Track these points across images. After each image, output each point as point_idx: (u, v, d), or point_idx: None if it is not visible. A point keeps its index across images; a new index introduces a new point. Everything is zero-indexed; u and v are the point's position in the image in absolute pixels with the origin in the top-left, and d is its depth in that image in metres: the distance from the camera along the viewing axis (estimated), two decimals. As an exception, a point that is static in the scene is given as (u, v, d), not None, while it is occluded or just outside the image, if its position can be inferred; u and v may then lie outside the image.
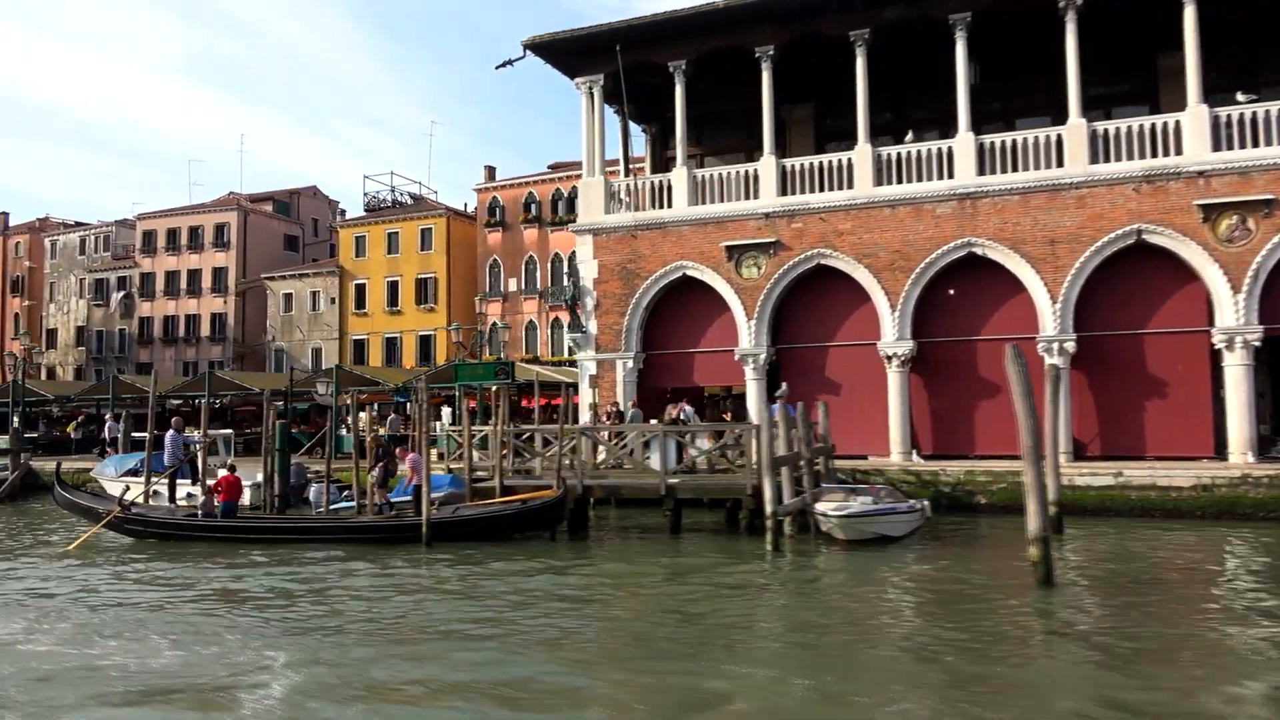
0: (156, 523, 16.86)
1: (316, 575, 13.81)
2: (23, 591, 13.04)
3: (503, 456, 17.23)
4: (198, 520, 16.71)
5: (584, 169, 26.04)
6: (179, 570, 14.46)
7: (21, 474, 26.65)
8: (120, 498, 17.26)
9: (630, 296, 24.81)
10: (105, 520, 16.72)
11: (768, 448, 14.39)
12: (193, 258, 56.70)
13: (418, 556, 14.97)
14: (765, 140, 24.00)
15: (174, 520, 16.72)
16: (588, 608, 11.58)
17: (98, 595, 12.71)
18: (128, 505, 17.02)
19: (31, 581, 13.76)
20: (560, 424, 16.97)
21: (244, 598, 12.43)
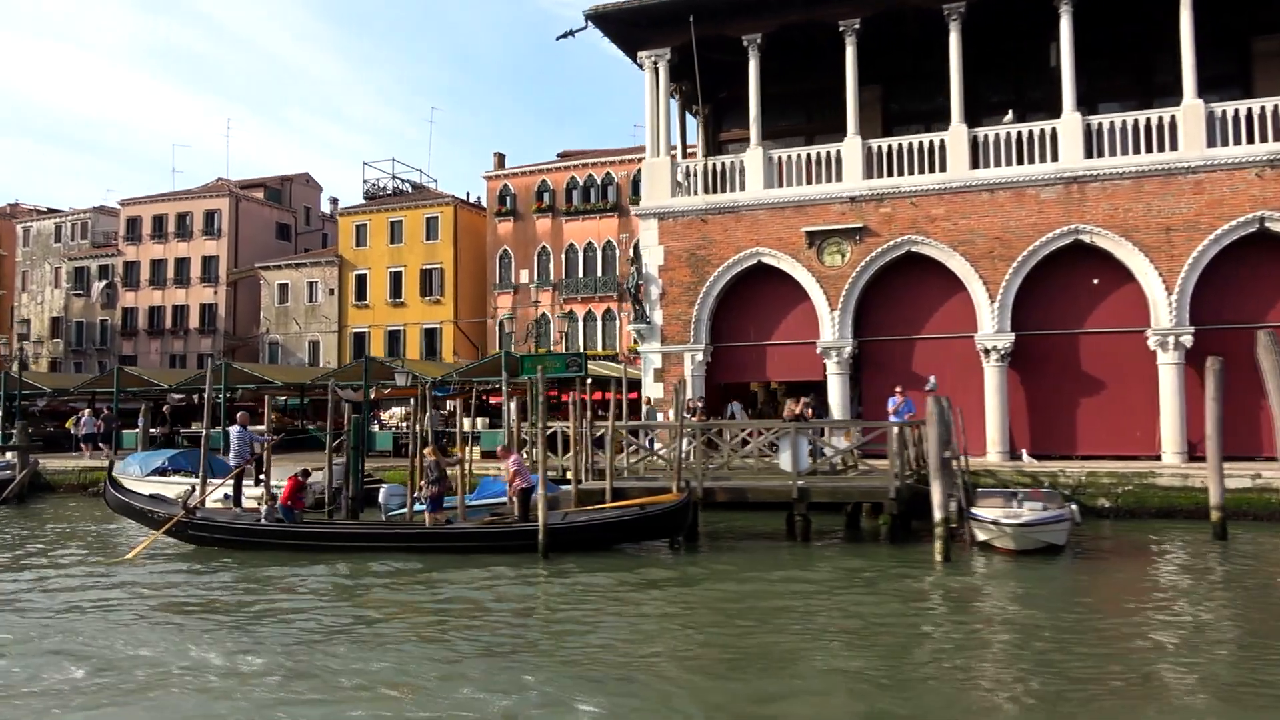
0: (227, 528, 15.00)
1: (469, 590, 12.17)
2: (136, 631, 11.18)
3: (610, 456, 15.58)
4: (280, 526, 14.88)
5: (647, 149, 24.42)
6: (298, 581, 12.76)
7: (31, 473, 24.42)
8: (184, 500, 15.36)
9: (700, 285, 23.28)
10: (168, 525, 14.83)
11: (939, 446, 12.97)
12: (180, 246, 54.10)
13: (546, 568, 13.32)
14: (849, 120, 22.60)
15: (250, 526, 14.86)
16: (845, 636, 9.74)
17: (245, 612, 10.97)
18: (193, 509, 15.14)
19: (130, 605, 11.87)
20: (678, 420, 15.37)
21: (419, 615, 10.76)
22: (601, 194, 45.16)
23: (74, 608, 11.39)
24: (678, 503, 14.23)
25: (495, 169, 48.14)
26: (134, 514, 15.80)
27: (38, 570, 14.02)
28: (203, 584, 12.98)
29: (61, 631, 10.15)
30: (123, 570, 13.94)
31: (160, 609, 11.41)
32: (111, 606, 11.51)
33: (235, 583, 12.99)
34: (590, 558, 13.84)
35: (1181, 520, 16.94)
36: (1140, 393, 20.46)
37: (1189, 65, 19.96)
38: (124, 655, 9.20)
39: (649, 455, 16.56)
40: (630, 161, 44.68)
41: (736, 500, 15.33)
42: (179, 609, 11.45)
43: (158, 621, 10.73)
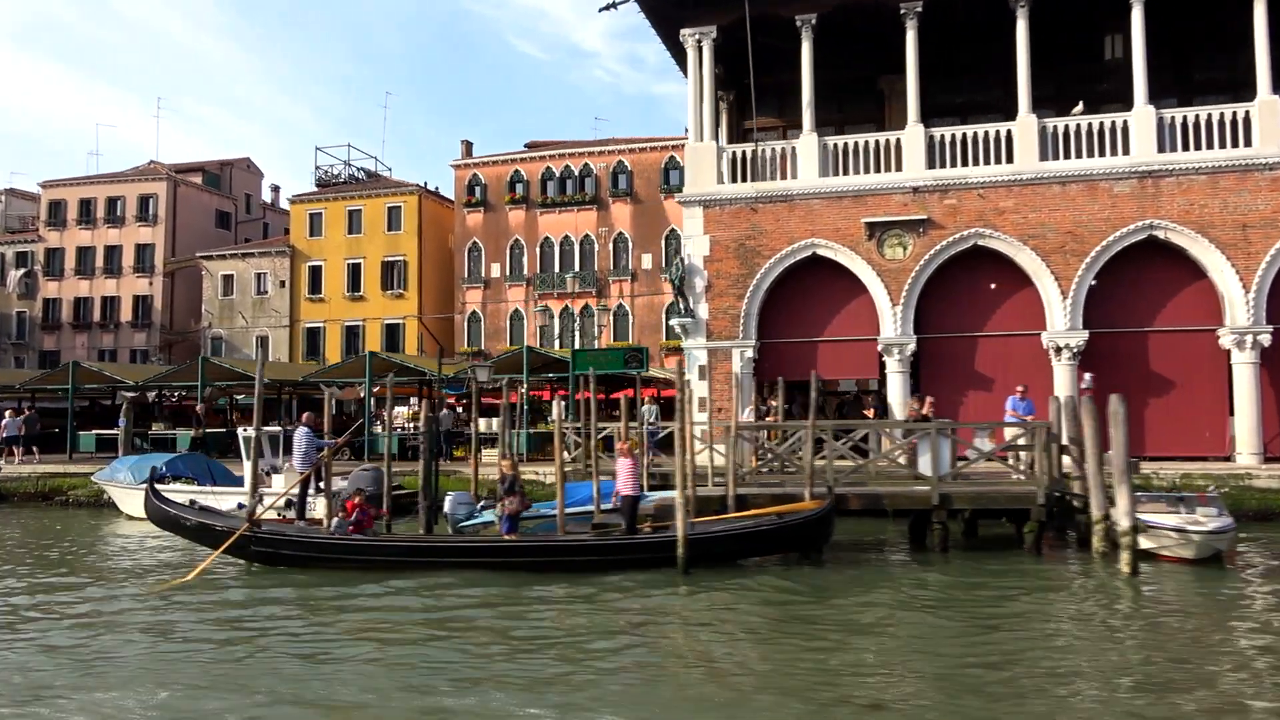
0: (301, 544, 12.95)
1: (653, 613, 10.62)
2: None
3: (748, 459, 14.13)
4: (368, 541, 12.92)
5: (690, 133, 23.05)
6: (437, 605, 10.95)
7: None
8: (250, 514, 13.21)
9: (749, 277, 22.01)
10: (231, 541, 12.70)
11: (1123, 449, 11.96)
12: (111, 232, 50.01)
13: (687, 583, 11.79)
14: (910, 108, 21.72)
15: (333, 541, 12.83)
16: (1133, 673, 8.41)
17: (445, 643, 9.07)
18: (257, 522, 13.04)
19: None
20: (809, 420, 14.00)
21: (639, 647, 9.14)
22: (579, 185, 43.44)
23: (184, 654, 9.29)
24: (820, 511, 12.91)
25: (463, 157, 45.91)
26: (184, 529, 13.58)
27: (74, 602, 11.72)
28: (331, 608, 11.04)
29: (231, 688, 8.09)
30: (186, 595, 11.83)
31: (320, 640, 9.43)
32: (239, 644, 9.48)
33: (374, 607, 11.05)
34: (730, 572, 12.41)
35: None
36: (1209, 392, 20.09)
37: (1263, 61, 19.65)
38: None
39: (773, 459, 15.14)
40: (610, 153, 43.20)
41: (870, 507, 14.08)
42: (332, 640, 9.48)
43: (331, 659, 8.82)
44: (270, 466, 20.06)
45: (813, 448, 13.56)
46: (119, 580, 13.07)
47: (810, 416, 13.77)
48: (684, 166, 42.27)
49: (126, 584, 12.86)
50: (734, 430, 14.00)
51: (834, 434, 14.31)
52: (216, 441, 26.99)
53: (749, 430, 17.24)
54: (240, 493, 19.40)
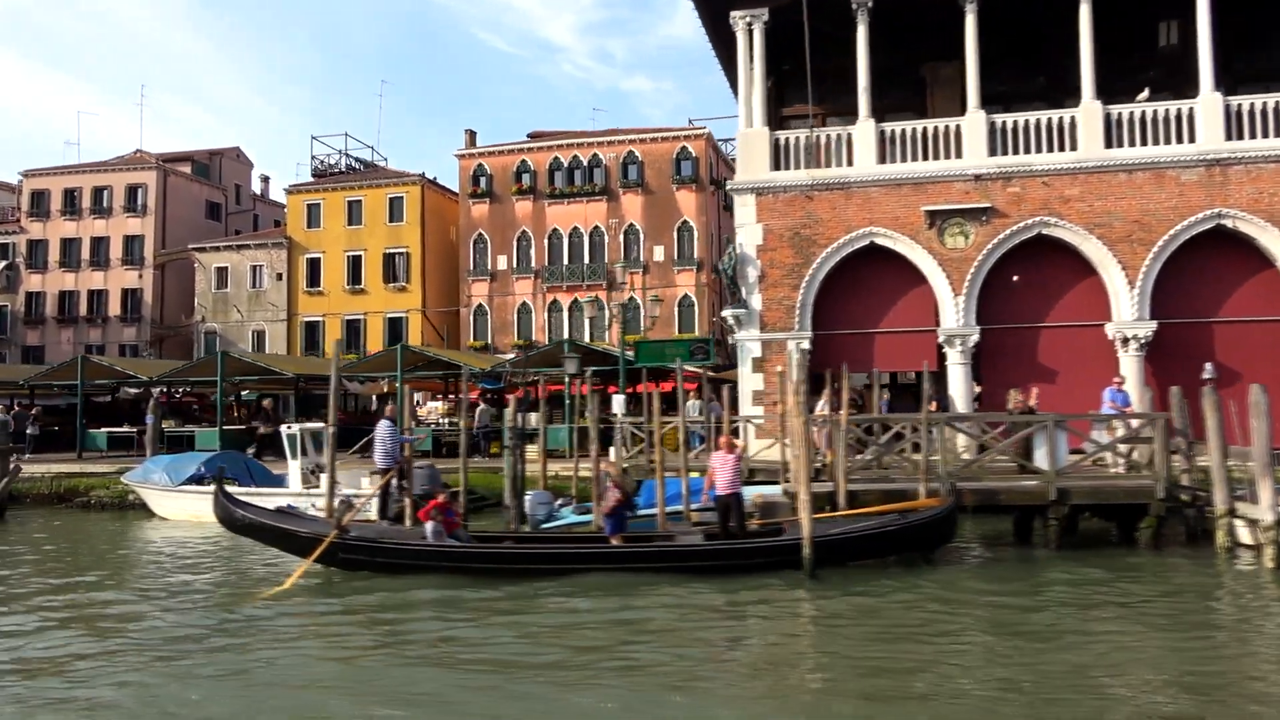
0: (395, 550, 12.12)
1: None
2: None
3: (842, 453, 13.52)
4: (472, 547, 12.14)
5: (740, 119, 22.38)
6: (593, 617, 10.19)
7: (11, 481, 20.35)
8: (338, 518, 12.35)
9: (804, 267, 21.40)
10: (323, 547, 11.85)
11: (1265, 440, 11.53)
12: (98, 223, 48.40)
13: (816, 588, 11.17)
14: (970, 95, 21.22)
15: (431, 548, 12.00)
16: None
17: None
18: (345, 526, 12.19)
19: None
20: (923, 412, 13.43)
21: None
22: (588, 176, 42.65)
23: (376, 670, 8.51)
24: (945, 509, 12.34)
25: (467, 147, 44.91)
26: (263, 534, 12.69)
27: (173, 617, 10.82)
28: (491, 612, 10.26)
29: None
30: (284, 606, 10.99)
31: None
32: (414, 652, 8.71)
33: (533, 610, 10.30)
34: (857, 575, 11.81)
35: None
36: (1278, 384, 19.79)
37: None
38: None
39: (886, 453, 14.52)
40: (619, 143, 42.46)
41: (986, 503, 13.53)
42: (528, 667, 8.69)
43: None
44: (315, 465, 19.19)
45: (925, 442, 12.97)
46: (202, 591, 12.20)
47: (924, 409, 13.19)
48: (694, 157, 41.89)
49: (213, 595, 12.02)
50: (844, 423, 13.36)
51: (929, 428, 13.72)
52: (234, 439, 25.91)
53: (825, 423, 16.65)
54: (285, 493, 18.55)
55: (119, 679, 8.28)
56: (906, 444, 14.46)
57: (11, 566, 14.64)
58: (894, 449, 14.44)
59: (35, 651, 9.44)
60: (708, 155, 41.77)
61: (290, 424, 19.06)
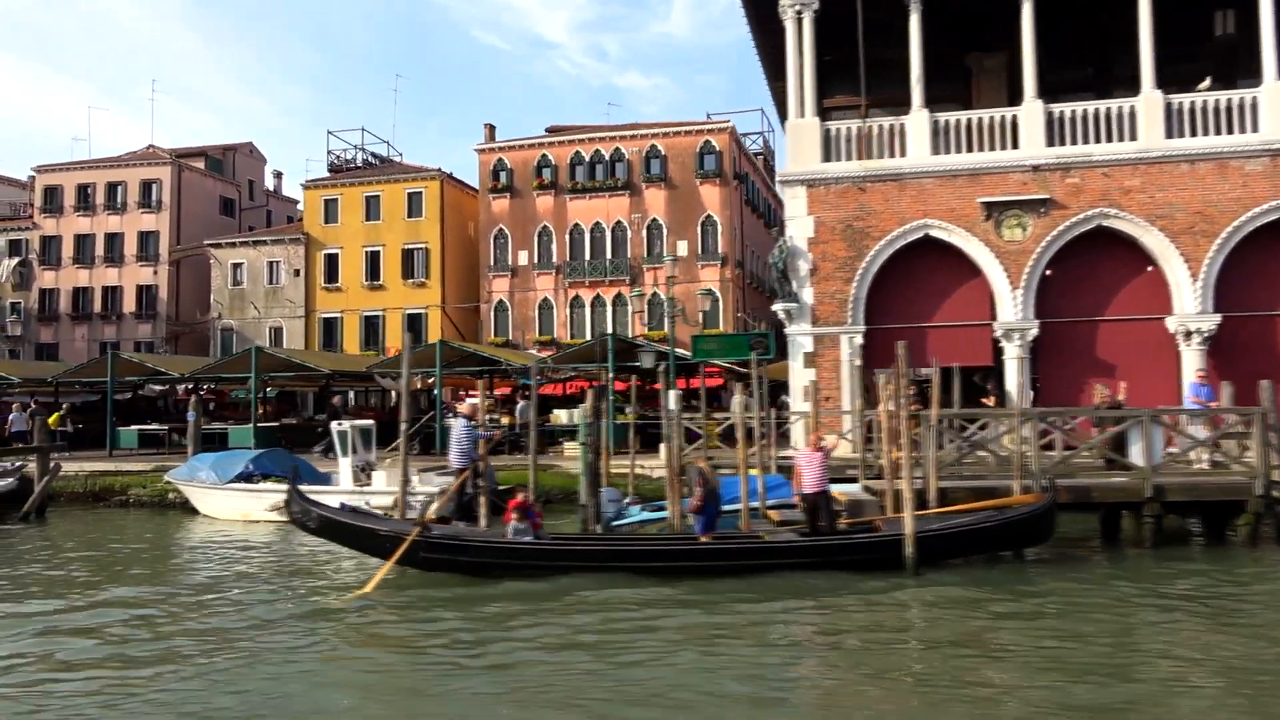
0: (480, 549, 11.73)
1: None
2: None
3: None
4: (561, 545, 11.76)
5: (791, 109, 22.00)
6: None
7: (52, 479, 19.92)
8: (422, 516, 11.96)
9: (857, 260, 21.05)
10: (406, 546, 11.45)
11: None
12: (112, 219, 47.87)
13: (919, 584, 10.82)
14: (1026, 84, 20.84)
15: (518, 546, 11.62)
16: None
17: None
18: (428, 525, 11.80)
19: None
20: (1019, 407, 13.08)
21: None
22: (610, 171, 42.20)
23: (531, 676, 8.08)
24: (1043, 505, 11.99)
25: (486, 141, 44.43)
26: (343, 534, 12.28)
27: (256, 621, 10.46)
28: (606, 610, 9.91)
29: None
30: (375, 613, 10.61)
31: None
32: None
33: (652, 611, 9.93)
34: (958, 573, 11.48)
35: None
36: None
37: (1399, 34, 19.05)
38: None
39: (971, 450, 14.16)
40: (642, 137, 42.03)
41: (1079, 500, 13.17)
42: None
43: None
44: (364, 463, 18.81)
45: (1018, 435, 12.62)
46: (282, 593, 11.81)
47: (1018, 404, 12.83)
48: (718, 151, 41.49)
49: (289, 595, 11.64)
50: (934, 418, 12.99)
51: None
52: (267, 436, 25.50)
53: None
54: (336, 491, 18.15)
55: (247, 686, 7.89)
56: (990, 440, 14.09)
57: (69, 566, 14.26)
58: (985, 444, 14.05)
59: (140, 652, 9.07)
60: (731, 149, 41.38)
61: (342, 421, 18.63)
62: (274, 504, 18.01)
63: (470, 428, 13.49)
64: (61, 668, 8.67)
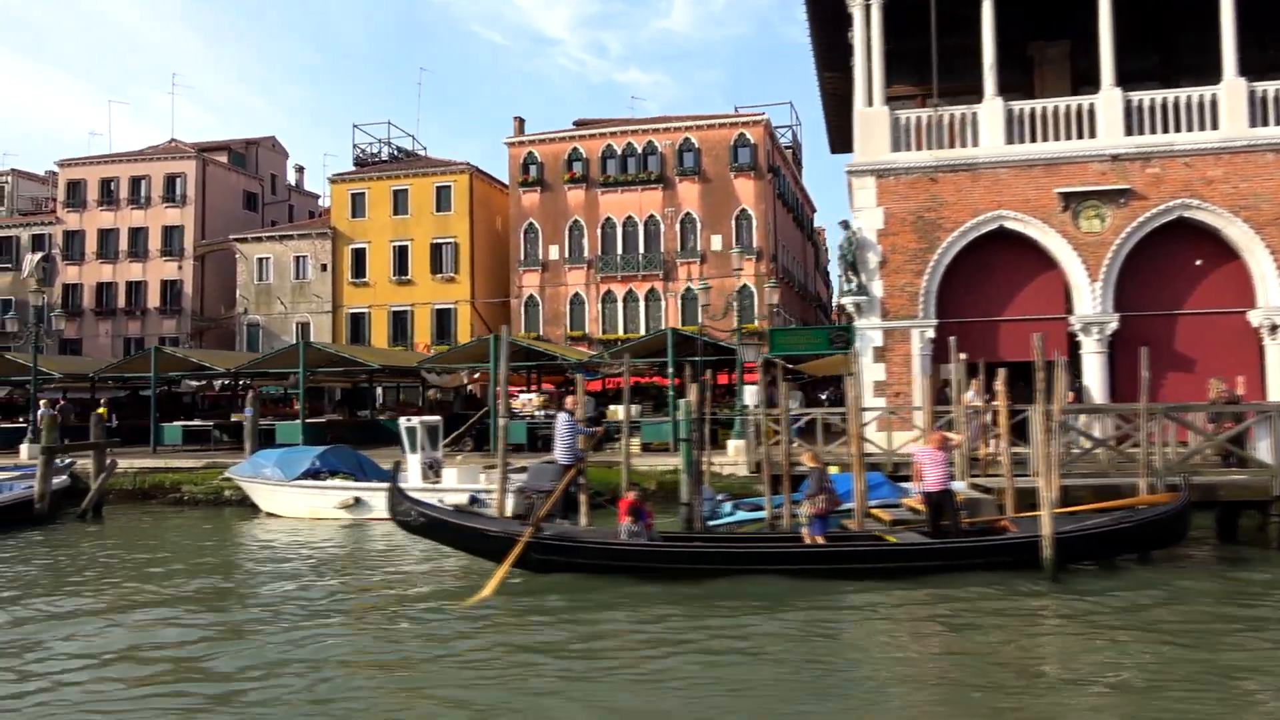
0: (596, 550, 11.27)
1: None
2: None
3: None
4: (682, 546, 11.31)
5: (859, 98, 21.51)
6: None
7: (108, 477, 19.47)
8: (533, 515, 11.50)
9: (929, 252, 20.59)
10: (520, 547, 10.99)
11: None
12: (136, 214, 47.38)
13: (1075, 589, 10.36)
14: (1104, 72, 20.36)
15: (633, 548, 11.16)
16: None
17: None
18: (539, 525, 11.34)
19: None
20: (1141, 403, 12.61)
21: None
22: (642, 164, 41.70)
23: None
24: (1178, 505, 11.54)
25: (516, 135, 43.93)
26: (449, 534, 11.81)
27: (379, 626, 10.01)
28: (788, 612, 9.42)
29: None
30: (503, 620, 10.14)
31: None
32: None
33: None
34: (1098, 575, 11.03)
35: None
36: None
37: None
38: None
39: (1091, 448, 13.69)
40: (675, 130, 41.54)
41: (1205, 499, 12.70)
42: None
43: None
44: (431, 460, 18.36)
45: (1142, 433, 12.16)
46: (396, 597, 11.34)
47: (1143, 399, 12.38)
48: (752, 144, 40.98)
49: (399, 600, 11.19)
50: (1057, 413, 12.52)
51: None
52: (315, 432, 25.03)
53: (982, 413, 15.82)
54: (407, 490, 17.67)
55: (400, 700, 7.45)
56: (1111, 438, 13.63)
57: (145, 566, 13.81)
58: (1108, 441, 13.59)
59: (231, 663, 8.62)
60: (765, 142, 40.88)
61: (410, 417, 18.18)
62: (343, 501, 17.66)
63: (573, 424, 13.02)
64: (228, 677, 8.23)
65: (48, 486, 18.32)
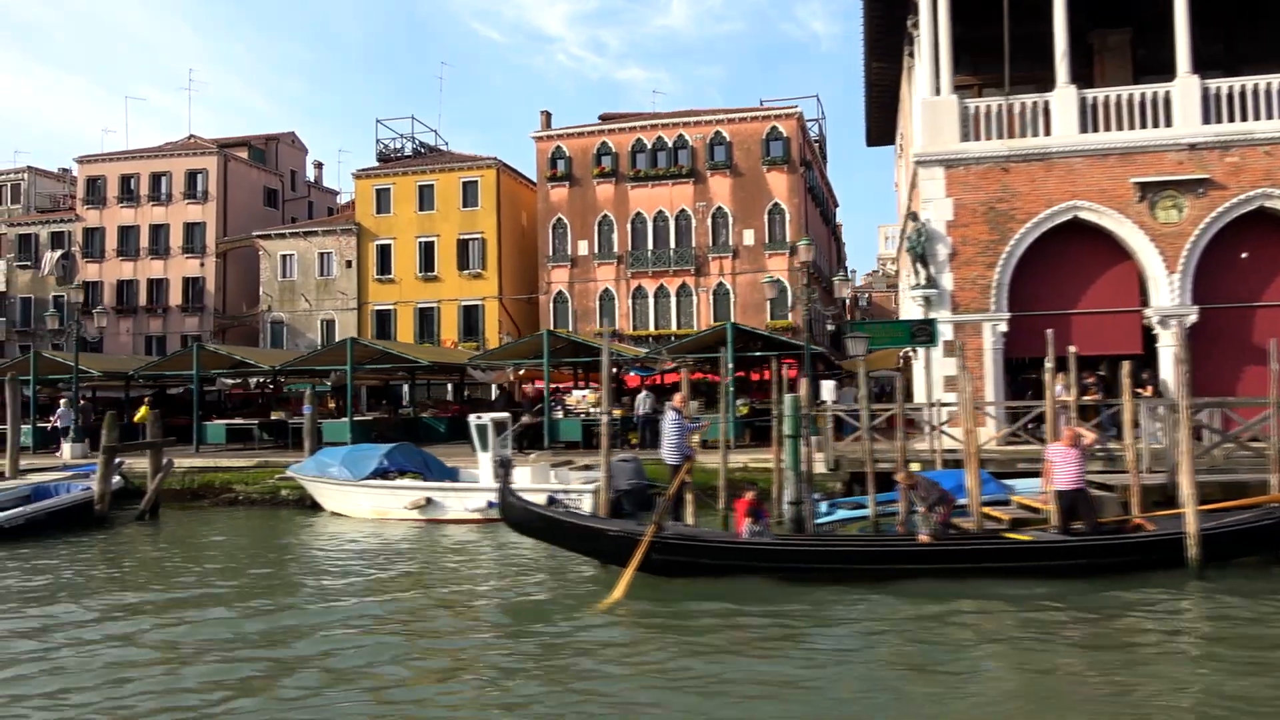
0: (722, 550, 10.84)
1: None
2: None
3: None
4: (815, 546, 10.89)
5: (926, 86, 21.07)
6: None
7: (165, 477, 19.03)
8: (659, 516, 11.07)
9: (1000, 244, 20.17)
10: (644, 548, 10.56)
11: None
12: (157, 210, 46.88)
13: (1228, 589, 9.97)
14: (1180, 59, 19.89)
15: (762, 547, 10.75)
16: None
17: None
18: (662, 525, 10.91)
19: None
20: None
21: None
22: (673, 158, 41.25)
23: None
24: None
25: (543, 129, 43.46)
26: (563, 534, 11.38)
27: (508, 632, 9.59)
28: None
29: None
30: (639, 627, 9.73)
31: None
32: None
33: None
34: (1242, 573, 10.62)
35: None
36: None
37: None
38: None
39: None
40: (706, 124, 41.10)
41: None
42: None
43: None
44: (501, 459, 17.89)
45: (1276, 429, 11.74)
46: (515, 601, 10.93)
47: (1273, 391, 11.98)
48: (785, 137, 40.54)
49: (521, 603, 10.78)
50: (1184, 406, 12.09)
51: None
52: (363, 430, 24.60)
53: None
54: (480, 489, 17.31)
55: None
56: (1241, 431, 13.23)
57: (244, 568, 13.39)
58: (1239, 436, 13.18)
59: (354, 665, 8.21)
60: (798, 136, 40.43)
61: (480, 415, 17.75)
62: (414, 501, 17.23)
63: (683, 421, 12.58)
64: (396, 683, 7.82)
65: (108, 487, 17.89)
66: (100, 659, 8.67)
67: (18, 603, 11.41)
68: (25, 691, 7.73)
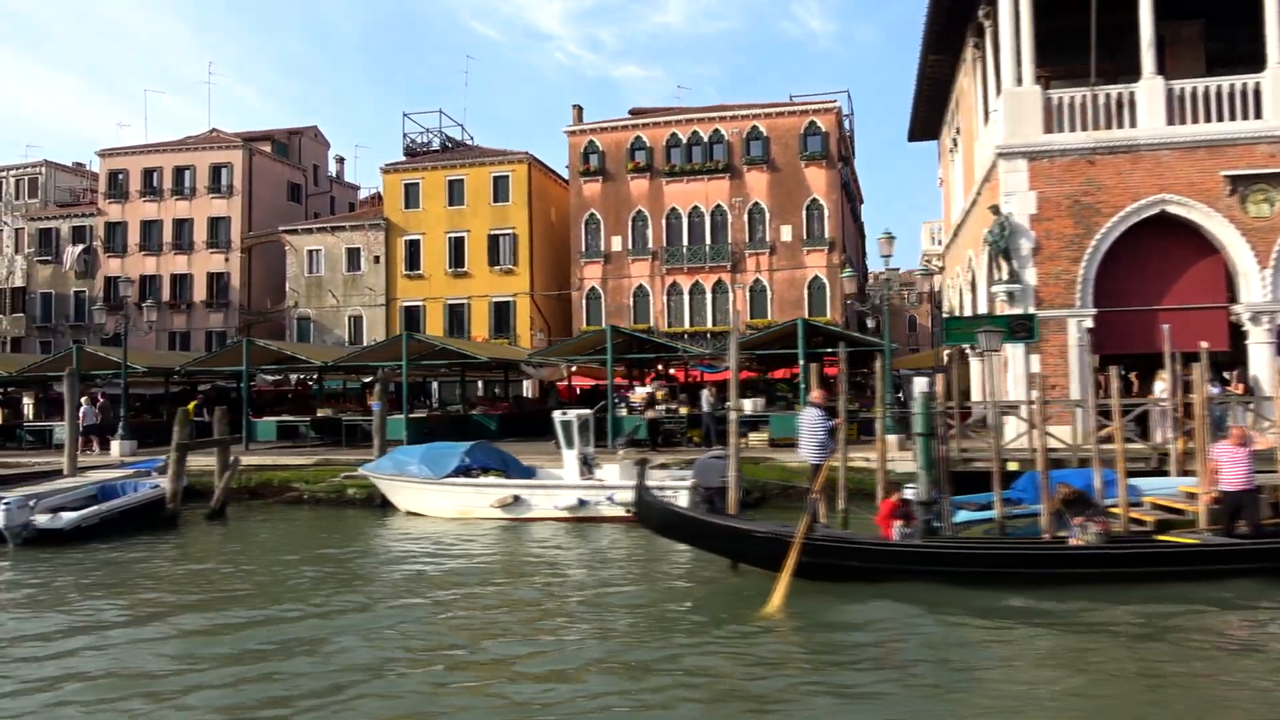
0: (874, 553, 10.38)
1: None
2: None
3: None
4: (961, 548, 10.45)
5: (1007, 77, 20.61)
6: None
7: (233, 476, 18.52)
8: (812, 517, 10.59)
9: (1086, 238, 19.72)
10: (797, 551, 10.09)
11: None
12: (180, 205, 46.29)
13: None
14: (1270, 51, 19.47)
15: (923, 550, 10.30)
16: None
17: None
18: (814, 526, 10.45)
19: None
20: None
21: None
22: (708, 153, 40.80)
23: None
24: None
25: (575, 123, 42.98)
26: (703, 535, 10.90)
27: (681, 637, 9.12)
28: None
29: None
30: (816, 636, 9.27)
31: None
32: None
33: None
34: None
35: None
36: None
37: None
38: None
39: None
40: (742, 118, 40.66)
41: None
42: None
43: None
44: (584, 456, 17.47)
45: None
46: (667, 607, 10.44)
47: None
48: (823, 132, 40.10)
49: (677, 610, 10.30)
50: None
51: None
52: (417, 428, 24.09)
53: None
54: (567, 486, 16.86)
55: None
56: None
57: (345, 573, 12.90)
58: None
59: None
60: (835, 131, 40.01)
61: (565, 411, 17.28)
62: (501, 499, 16.77)
63: (824, 417, 12.10)
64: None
65: (179, 485, 17.39)
66: (280, 667, 8.21)
67: (133, 606, 10.93)
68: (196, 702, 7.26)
